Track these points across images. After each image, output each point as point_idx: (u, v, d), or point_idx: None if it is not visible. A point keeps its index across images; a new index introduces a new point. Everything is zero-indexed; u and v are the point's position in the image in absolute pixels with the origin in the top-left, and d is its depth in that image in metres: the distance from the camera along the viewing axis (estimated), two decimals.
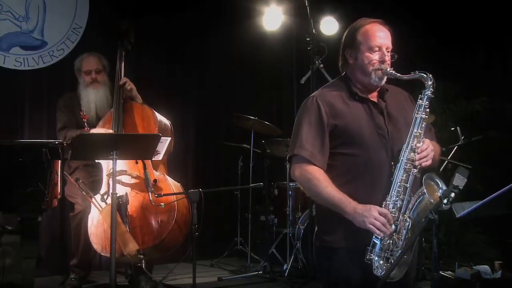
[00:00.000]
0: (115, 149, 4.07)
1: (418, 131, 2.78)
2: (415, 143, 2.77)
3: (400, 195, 2.73)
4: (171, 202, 4.59)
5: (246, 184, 5.96)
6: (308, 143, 2.81)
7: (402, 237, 2.71)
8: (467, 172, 2.69)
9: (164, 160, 4.94)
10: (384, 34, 2.88)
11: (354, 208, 2.70)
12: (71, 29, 5.98)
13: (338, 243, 2.80)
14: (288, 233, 5.71)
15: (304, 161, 2.82)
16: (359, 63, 2.89)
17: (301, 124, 2.87)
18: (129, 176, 4.71)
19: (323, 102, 2.85)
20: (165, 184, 4.75)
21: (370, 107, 2.89)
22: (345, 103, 2.87)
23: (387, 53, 2.87)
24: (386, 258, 2.71)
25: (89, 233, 4.71)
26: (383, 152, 2.80)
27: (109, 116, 4.95)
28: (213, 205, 5.15)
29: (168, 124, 5.04)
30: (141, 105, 4.97)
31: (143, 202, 4.64)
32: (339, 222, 2.75)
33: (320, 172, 2.80)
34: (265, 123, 5.94)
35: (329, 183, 2.77)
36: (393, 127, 2.86)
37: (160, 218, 4.62)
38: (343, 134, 2.82)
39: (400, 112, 2.92)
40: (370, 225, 2.66)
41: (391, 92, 2.97)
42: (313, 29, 5.05)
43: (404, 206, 2.74)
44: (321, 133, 2.82)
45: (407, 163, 2.75)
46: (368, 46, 2.86)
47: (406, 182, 2.74)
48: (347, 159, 2.82)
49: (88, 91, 5.13)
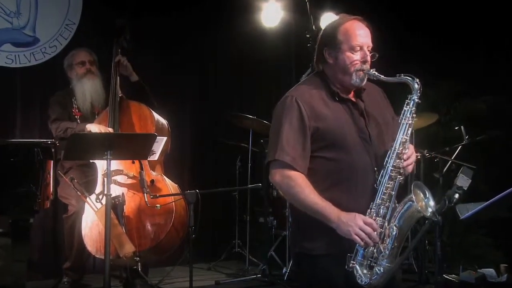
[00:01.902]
0: (109, 149, 4.09)
1: (404, 137, 2.76)
2: (401, 149, 2.75)
3: (385, 202, 2.71)
4: (168, 204, 4.60)
5: (244, 185, 5.98)
6: (289, 147, 2.76)
7: (388, 246, 2.68)
8: (471, 172, 2.71)
9: (161, 160, 4.96)
10: (364, 32, 2.84)
11: (338, 216, 2.66)
12: (64, 26, 6.00)
13: (320, 250, 2.76)
14: (287, 235, 5.72)
15: (285, 167, 2.77)
16: (340, 64, 2.84)
17: (280, 127, 2.80)
18: (125, 176, 4.73)
19: (303, 103, 2.79)
20: (162, 184, 4.77)
21: (350, 108, 2.85)
22: (326, 103, 2.82)
23: (368, 53, 2.83)
24: (369, 266, 2.68)
25: (83, 234, 4.73)
26: (366, 157, 2.78)
27: (104, 115, 4.97)
28: (211, 206, 5.18)
29: (165, 123, 5.06)
30: (138, 104, 4.99)
31: (140, 203, 4.65)
32: (320, 228, 2.72)
33: (302, 178, 2.75)
34: (264, 122, 5.94)
35: (311, 190, 2.72)
36: (374, 130, 2.84)
37: (157, 220, 4.64)
38: (325, 137, 2.78)
39: (378, 112, 2.90)
40: (355, 235, 2.63)
41: (367, 90, 2.94)
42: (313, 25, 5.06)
43: (388, 213, 2.72)
44: (303, 136, 2.77)
45: (393, 170, 2.73)
46: (350, 46, 2.81)
47: (391, 189, 2.72)
48: (328, 163, 2.78)
49: (83, 82, 5.15)
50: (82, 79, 5.16)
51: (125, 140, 4.34)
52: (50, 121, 5.12)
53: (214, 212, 6.16)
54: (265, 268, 5.67)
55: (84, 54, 5.23)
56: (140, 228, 4.61)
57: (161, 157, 4.91)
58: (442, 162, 5.57)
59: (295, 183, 2.75)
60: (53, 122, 5.09)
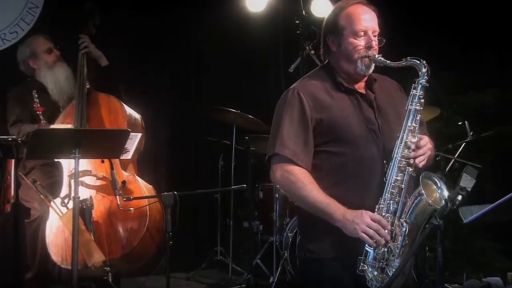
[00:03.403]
0: (77, 147, 4.06)
1: (412, 125, 2.79)
2: (410, 138, 2.77)
3: (394, 197, 2.74)
4: (142, 207, 4.58)
5: (227, 186, 5.97)
6: (290, 141, 2.82)
7: (399, 244, 2.72)
8: (475, 172, 2.72)
9: (134, 159, 4.94)
10: (369, 16, 2.88)
11: (343, 214, 2.70)
12: (26, 9, 5.96)
13: (326, 253, 2.80)
14: (274, 241, 5.72)
15: (286, 161, 2.82)
16: (343, 51, 2.89)
17: (281, 120, 2.87)
18: (94, 177, 4.70)
19: (305, 95, 2.85)
20: (135, 186, 4.75)
21: (358, 99, 2.90)
22: (330, 94, 2.87)
23: (373, 38, 2.87)
24: (381, 268, 2.72)
25: (47, 242, 4.70)
26: (375, 149, 2.81)
27: (70, 109, 4.93)
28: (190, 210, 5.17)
29: (138, 118, 5.05)
30: (107, 96, 4.97)
31: (110, 206, 4.63)
32: (326, 229, 2.76)
33: (305, 174, 2.80)
34: (249, 117, 5.95)
35: (315, 186, 2.77)
36: (384, 121, 2.88)
37: (129, 225, 4.62)
38: (329, 129, 2.82)
39: (390, 104, 2.94)
40: (362, 233, 2.66)
41: (380, 82, 2.99)
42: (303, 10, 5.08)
43: (399, 209, 2.74)
44: (305, 130, 2.83)
45: (402, 161, 2.76)
46: (352, 31, 2.86)
47: (401, 182, 2.75)
48: (334, 158, 2.82)
49: (54, 70, 5.11)
50: (53, 68, 5.12)
51: (95, 136, 4.31)
52: (9, 125, 5.04)
53: (193, 216, 6.16)
54: (250, 277, 5.67)
55: (46, 41, 5.18)
56: (110, 234, 4.59)
57: (134, 155, 4.89)
58: (444, 160, 5.58)
59: (296, 178, 2.79)
60: (12, 125, 5.02)
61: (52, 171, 4.94)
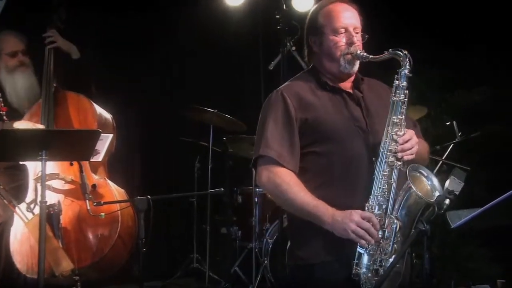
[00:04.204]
0: (44, 148, 4.04)
1: (398, 117, 2.81)
2: (396, 131, 2.80)
3: (384, 193, 2.77)
4: (113, 212, 4.57)
5: (204, 190, 5.97)
6: (275, 142, 2.85)
7: (391, 242, 2.74)
8: (464, 174, 2.73)
9: (104, 161, 4.93)
10: (349, 13, 2.95)
11: (332, 215, 2.72)
12: None
13: (316, 258, 2.82)
14: (254, 248, 5.74)
15: (272, 163, 2.85)
16: (324, 49, 2.95)
17: (265, 122, 2.91)
18: (62, 180, 4.68)
19: (289, 95, 2.90)
20: (106, 190, 4.73)
21: (344, 97, 2.94)
22: (315, 94, 2.92)
23: (355, 34, 2.92)
24: (375, 270, 2.74)
25: (12, 250, 4.66)
26: (362, 147, 2.85)
27: (37, 108, 4.90)
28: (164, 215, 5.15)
29: (109, 118, 5.03)
30: (76, 95, 4.94)
31: (80, 212, 4.61)
32: (316, 233, 2.78)
33: (291, 176, 2.83)
34: (227, 117, 5.95)
35: (301, 188, 2.80)
36: (372, 120, 2.91)
37: (100, 231, 4.61)
38: (315, 129, 2.86)
39: (379, 104, 2.97)
40: (352, 233, 2.69)
41: (367, 83, 3.04)
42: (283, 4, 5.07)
43: (389, 206, 2.77)
44: (290, 131, 2.87)
45: (389, 155, 2.78)
46: (333, 28, 2.92)
47: (390, 177, 2.77)
48: (320, 158, 2.86)
49: (14, 77, 5.05)
50: (13, 73, 5.06)
51: (63, 137, 4.28)
52: None
53: (168, 221, 6.14)
54: (227, 286, 5.69)
55: (15, 42, 5.08)
56: (80, 241, 4.57)
57: (105, 157, 4.87)
58: (431, 162, 5.62)
59: (281, 180, 2.82)
60: None
61: (17, 175, 4.90)
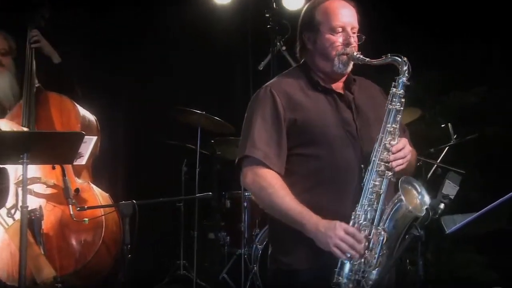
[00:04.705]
0: (25, 151, 4.03)
1: (392, 126, 2.83)
2: (389, 140, 2.81)
3: (372, 203, 2.78)
4: (97, 217, 4.57)
5: (191, 194, 5.96)
6: (262, 142, 2.85)
7: (376, 255, 2.75)
8: (459, 178, 2.74)
9: (88, 164, 4.92)
10: (348, 11, 2.94)
11: (316, 225, 2.73)
12: None
13: (299, 264, 2.83)
14: (243, 254, 5.73)
15: (258, 164, 2.86)
16: (319, 48, 2.94)
17: (252, 120, 2.91)
18: (44, 184, 4.67)
19: (278, 93, 2.90)
20: (89, 194, 4.72)
21: (335, 99, 2.94)
22: (305, 93, 2.92)
23: (352, 34, 2.92)
24: (357, 281, 2.74)
25: None
26: (352, 153, 2.85)
27: (17, 110, 4.89)
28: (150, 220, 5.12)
29: (93, 120, 5.02)
30: (58, 96, 4.94)
31: (62, 217, 4.60)
32: (300, 239, 2.78)
33: (277, 179, 2.84)
34: (215, 119, 5.95)
35: (287, 193, 2.80)
36: (363, 123, 2.92)
37: (83, 237, 4.60)
38: (303, 130, 2.86)
39: (370, 107, 2.98)
40: (335, 248, 2.69)
41: (360, 84, 3.04)
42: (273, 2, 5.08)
43: (377, 216, 2.78)
44: (277, 130, 2.87)
45: (380, 164, 2.80)
46: (329, 27, 2.91)
47: (379, 188, 2.79)
48: (307, 162, 2.86)
49: None
50: None
51: (46, 139, 4.28)
52: None
53: (154, 227, 6.12)
54: None
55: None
56: (62, 247, 4.56)
57: (88, 161, 4.86)
58: (425, 166, 5.63)
59: (267, 183, 2.83)
60: None
61: None
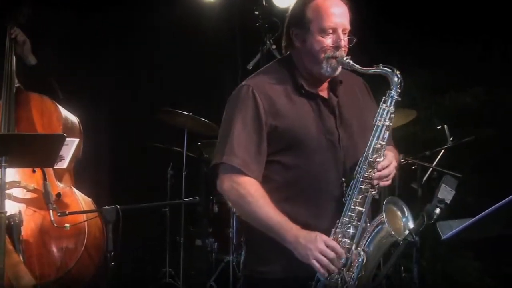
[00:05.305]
0: (4, 154, 4.02)
1: (379, 142, 2.82)
2: (375, 157, 2.80)
3: (353, 221, 2.77)
4: (79, 223, 4.55)
5: (178, 199, 5.95)
6: (241, 149, 2.83)
7: (354, 275, 2.74)
8: (455, 182, 2.74)
9: (70, 168, 4.91)
10: (340, 10, 2.90)
11: (295, 236, 2.72)
12: None
13: (275, 273, 2.83)
14: (231, 261, 5.72)
15: (235, 172, 2.83)
16: (307, 48, 2.91)
17: (232, 122, 2.88)
18: (23, 189, 4.66)
19: (260, 95, 2.87)
20: (71, 199, 4.71)
21: (319, 104, 2.92)
22: (289, 98, 2.89)
23: (343, 36, 2.88)
24: None
25: None
26: (332, 164, 2.85)
27: None
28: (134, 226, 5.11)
29: (75, 121, 5.01)
30: (39, 97, 4.93)
31: (43, 223, 4.59)
32: (276, 248, 2.78)
33: (256, 187, 2.82)
34: (202, 120, 5.95)
35: (266, 202, 2.79)
36: (345, 132, 2.91)
37: (64, 243, 4.59)
38: (284, 138, 2.85)
39: (354, 112, 2.96)
40: (314, 261, 2.69)
41: (346, 83, 3.00)
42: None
43: (357, 234, 2.77)
44: (258, 136, 2.84)
45: (364, 182, 2.79)
46: (320, 27, 2.87)
47: (361, 205, 2.78)
48: (286, 170, 2.85)
49: None
50: None
51: (26, 142, 4.26)
52: None
53: (139, 233, 6.11)
54: None
55: None
56: (42, 254, 4.55)
57: (70, 164, 4.85)
58: (421, 169, 5.64)
59: (246, 191, 2.81)
60: None
61: None
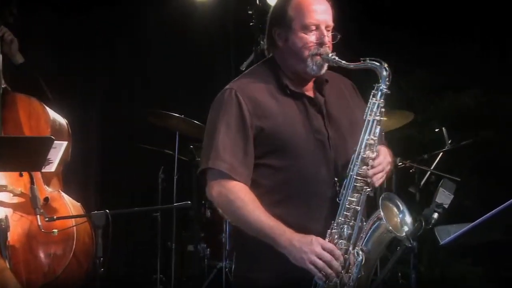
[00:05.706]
0: None
1: (371, 138, 2.81)
2: (368, 153, 2.80)
3: (349, 220, 2.76)
4: (67, 228, 4.54)
5: (169, 203, 5.94)
6: (227, 153, 2.82)
7: (354, 276, 2.73)
8: (454, 186, 2.74)
9: (58, 172, 4.89)
10: (322, 7, 2.90)
11: (289, 240, 2.70)
12: None
13: (267, 280, 2.82)
14: (224, 267, 5.72)
15: (223, 177, 2.82)
16: (290, 47, 2.90)
17: (216, 127, 2.87)
18: (10, 193, 4.64)
19: (244, 98, 2.86)
20: (60, 203, 4.69)
21: (305, 104, 2.91)
22: (274, 98, 2.89)
23: (326, 33, 2.88)
24: None
25: None
26: (323, 164, 2.84)
27: None
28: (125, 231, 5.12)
29: (64, 124, 4.99)
30: (27, 98, 4.91)
31: (30, 228, 4.56)
32: (268, 253, 2.76)
33: (245, 191, 2.81)
34: (194, 123, 5.94)
35: (256, 206, 2.78)
36: (335, 131, 2.90)
37: (52, 249, 4.56)
38: (271, 139, 2.84)
39: (343, 110, 2.96)
40: (311, 265, 2.67)
41: (332, 83, 3.00)
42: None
43: (354, 234, 2.76)
44: (243, 138, 2.84)
45: (358, 179, 2.78)
46: (302, 24, 2.87)
47: (357, 204, 2.77)
48: (275, 173, 2.85)
49: None
50: None
51: (12, 145, 4.27)
52: None
53: (129, 238, 6.11)
54: None
55: None
56: (30, 260, 4.53)
57: (59, 168, 4.83)
58: (419, 173, 5.65)
59: (235, 196, 2.80)
60: None
61: None
